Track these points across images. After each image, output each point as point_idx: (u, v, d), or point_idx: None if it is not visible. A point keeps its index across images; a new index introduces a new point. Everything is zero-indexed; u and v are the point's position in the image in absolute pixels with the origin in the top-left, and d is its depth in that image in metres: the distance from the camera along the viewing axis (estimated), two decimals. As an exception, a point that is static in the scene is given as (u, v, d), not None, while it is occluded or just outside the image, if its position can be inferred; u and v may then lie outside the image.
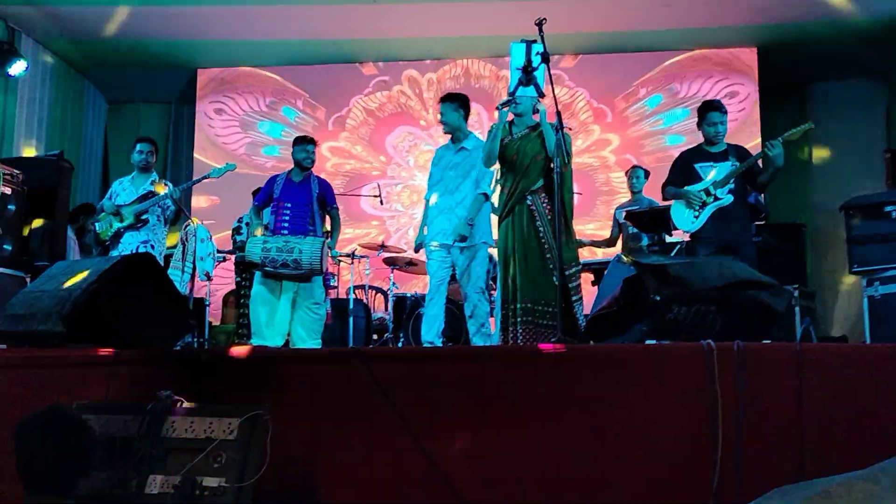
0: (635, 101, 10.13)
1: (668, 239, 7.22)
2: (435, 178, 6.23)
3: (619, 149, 10.16)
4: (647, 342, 3.93)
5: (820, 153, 9.89)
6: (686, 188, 5.91)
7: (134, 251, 6.50)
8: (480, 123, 9.68)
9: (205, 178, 7.08)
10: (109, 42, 9.47)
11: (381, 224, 10.29)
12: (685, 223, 5.94)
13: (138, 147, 6.91)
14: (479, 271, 6.05)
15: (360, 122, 10.58)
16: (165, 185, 6.77)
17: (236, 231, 7.95)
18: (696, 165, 5.95)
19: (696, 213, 5.83)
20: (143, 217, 6.64)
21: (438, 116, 6.24)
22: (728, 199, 5.77)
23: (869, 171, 8.56)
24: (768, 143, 5.66)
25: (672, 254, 6.71)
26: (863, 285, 5.48)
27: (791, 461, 3.30)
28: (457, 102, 6.15)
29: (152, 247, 6.61)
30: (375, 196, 8.50)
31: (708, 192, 5.81)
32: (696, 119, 6.10)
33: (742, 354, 3.37)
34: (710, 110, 6.01)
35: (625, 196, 8.49)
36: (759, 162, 5.84)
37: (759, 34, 9.44)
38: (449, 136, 6.22)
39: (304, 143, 6.69)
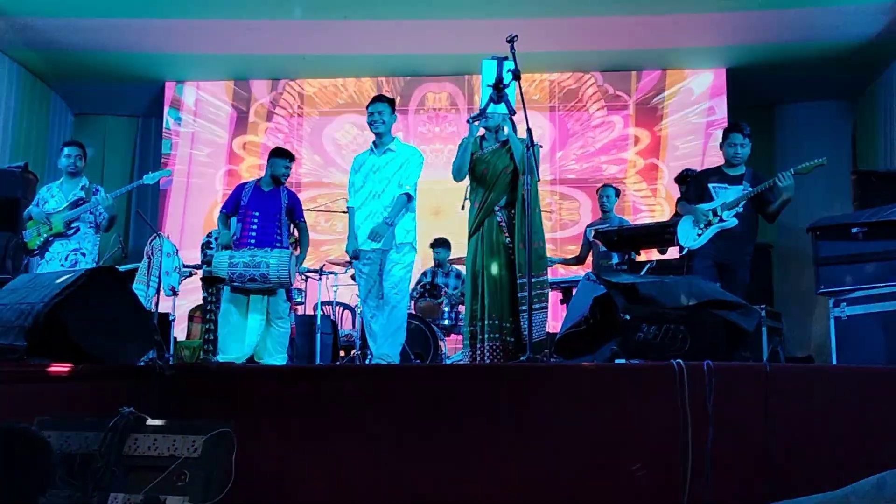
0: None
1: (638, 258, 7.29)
2: (357, 184, 6.06)
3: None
4: (617, 361, 3.93)
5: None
6: (695, 206, 6.02)
7: (63, 260, 6.35)
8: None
9: (138, 184, 6.88)
10: (76, 53, 9.37)
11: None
12: (688, 240, 6.06)
13: (66, 151, 6.68)
14: (404, 273, 5.88)
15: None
16: (97, 189, 6.59)
17: (206, 245, 7.82)
18: (711, 185, 6.08)
19: (700, 232, 5.94)
20: (74, 225, 6.44)
21: (368, 117, 6.01)
22: (732, 223, 5.89)
23: (836, 192, 8.64)
24: (780, 175, 5.80)
25: (642, 273, 6.74)
26: (829, 306, 5.50)
27: (760, 481, 3.31)
28: (392, 105, 6.06)
29: (83, 255, 6.43)
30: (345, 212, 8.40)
31: (715, 213, 5.92)
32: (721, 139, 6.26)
33: (711, 375, 3.38)
34: (732, 131, 6.18)
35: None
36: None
37: (728, 55, 9.55)
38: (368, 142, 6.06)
39: (284, 158, 6.58)
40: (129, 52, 9.54)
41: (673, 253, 7.20)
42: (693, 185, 6.31)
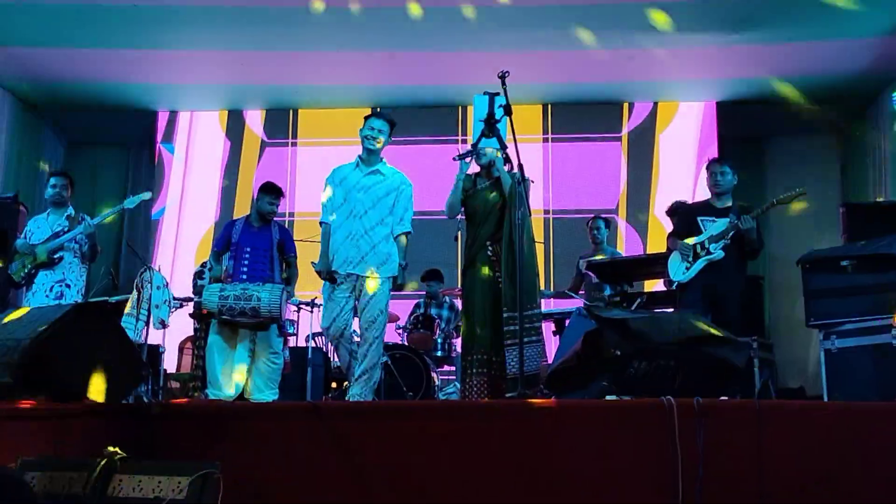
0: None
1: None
2: (337, 199, 5.69)
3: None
4: (608, 397, 3.92)
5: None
6: (683, 241, 6.08)
7: (48, 291, 6.33)
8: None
9: (120, 208, 6.86)
10: (68, 84, 9.38)
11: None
12: (677, 273, 6.11)
13: (52, 181, 6.66)
14: (383, 306, 5.57)
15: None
16: (82, 218, 6.54)
17: (198, 275, 7.79)
18: (699, 218, 6.13)
19: (688, 265, 5.97)
20: (58, 255, 6.39)
21: (365, 131, 5.72)
22: (719, 255, 5.93)
23: (826, 224, 8.68)
24: (742, 217, 5.87)
25: (634, 306, 6.74)
26: (820, 339, 5.51)
27: (751, 520, 3.28)
28: (392, 127, 5.78)
29: (68, 286, 6.39)
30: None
31: (703, 246, 5.95)
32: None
33: (702, 411, 3.37)
34: (713, 162, 6.32)
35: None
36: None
37: (719, 89, 9.62)
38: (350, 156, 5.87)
39: (270, 194, 6.52)
40: (121, 83, 9.58)
41: (660, 286, 7.22)
42: (682, 219, 6.36)
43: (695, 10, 7.86)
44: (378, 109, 5.97)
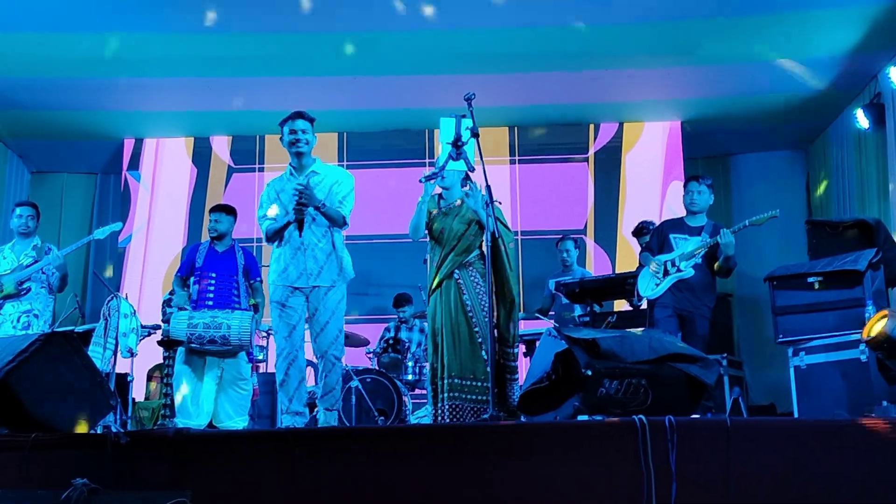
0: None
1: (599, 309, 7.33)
2: (279, 213, 5.45)
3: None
4: (580, 418, 3.92)
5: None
6: (655, 257, 6.16)
7: (16, 322, 6.30)
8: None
9: (89, 239, 6.84)
10: (32, 112, 9.29)
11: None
12: (646, 290, 6.18)
13: (17, 211, 6.65)
14: (341, 325, 5.43)
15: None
16: (49, 249, 6.52)
17: (167, 303, 7.71)
18: (672, 236, 6.21)
19: (658, 282, 6.01)
20: (25, 285, 6.37)
21: (288, 136, 5.54)
22: (689, 273, 5.98)
23: (792, 240, 8.76)
24: (721, 232, 5.90)
25: (604, 325, 6.77)
26: (789, 355, 5.55)
27: (724, 537, 3.29)
28: (312, 122, 5.57)
29: (35, 316, 6.38)
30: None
31: (673, 263, 6.00)
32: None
33: (673, 430, 3.38)
34: (690, 180, 6.39)
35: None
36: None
37: (683, 108, 9.70)
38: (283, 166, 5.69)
39: (215, 212, 6.53)
40: (86, 111, 9.47)
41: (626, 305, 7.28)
42: (655, 236, 6.40)
43: (654, 31, 7.94)
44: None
